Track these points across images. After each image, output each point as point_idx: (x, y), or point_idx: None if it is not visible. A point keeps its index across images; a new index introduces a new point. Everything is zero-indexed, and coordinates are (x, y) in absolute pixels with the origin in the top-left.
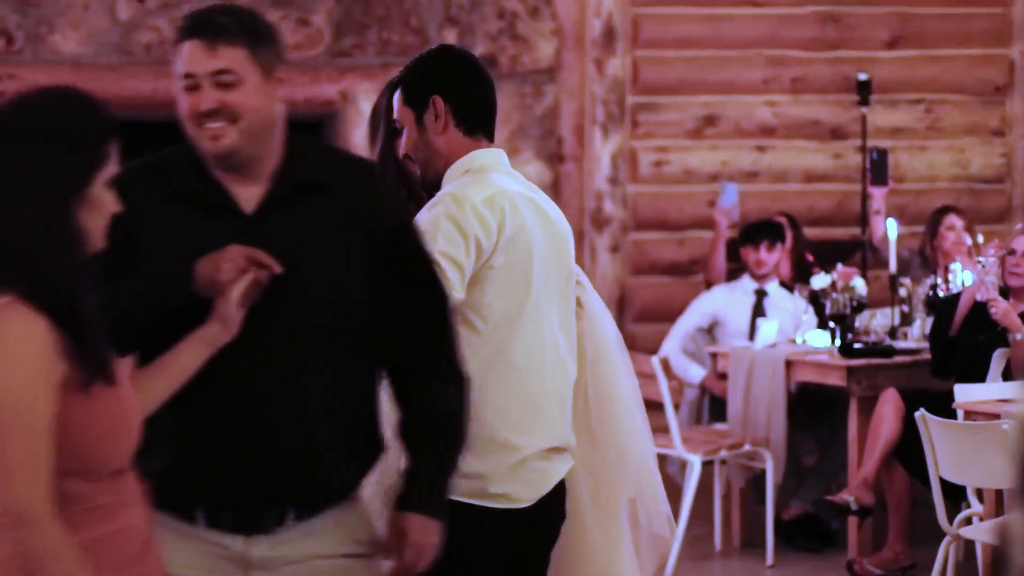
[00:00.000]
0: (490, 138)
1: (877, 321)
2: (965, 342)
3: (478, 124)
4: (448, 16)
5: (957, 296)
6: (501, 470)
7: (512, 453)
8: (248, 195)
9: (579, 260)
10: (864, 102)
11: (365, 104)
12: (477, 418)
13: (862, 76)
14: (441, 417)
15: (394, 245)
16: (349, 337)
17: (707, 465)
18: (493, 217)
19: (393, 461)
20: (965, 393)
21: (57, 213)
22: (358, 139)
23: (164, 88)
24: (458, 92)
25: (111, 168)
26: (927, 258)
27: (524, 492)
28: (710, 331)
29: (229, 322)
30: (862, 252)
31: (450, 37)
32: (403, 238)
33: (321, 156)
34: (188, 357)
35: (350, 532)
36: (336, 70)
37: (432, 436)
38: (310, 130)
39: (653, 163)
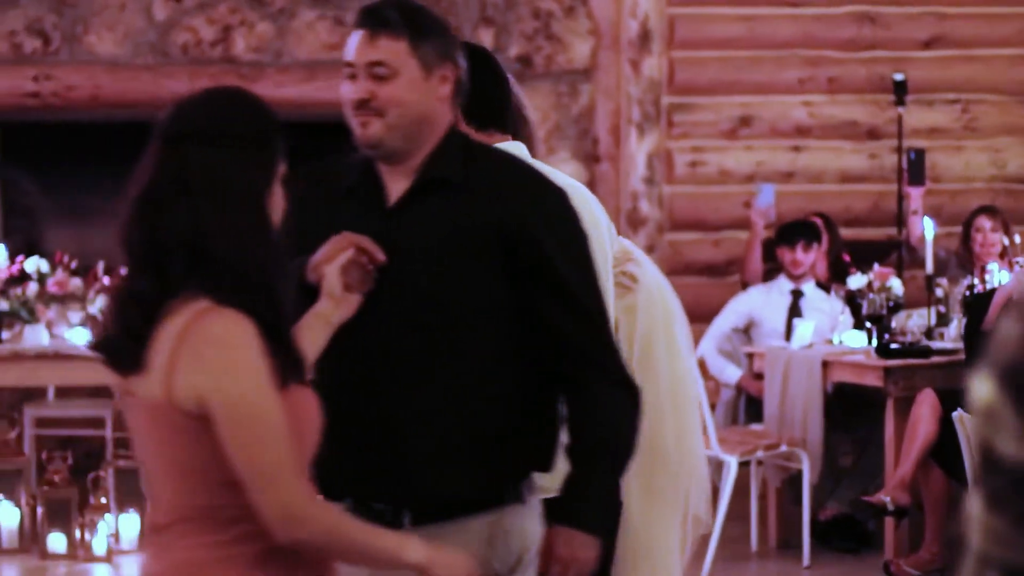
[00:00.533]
0: (505, 131)
1: (913, 321)
2: None
3: (488, 119)
4: (483, 16)
5: (990, 293)
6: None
7: None
8: (398, 189)
9: None
10: (900, 102)
11: None
12: None
13: (898, 76)
14: (606, 426)
15: (526, 245)
16: (482, 339)
17: (743, 466)
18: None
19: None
20: None
21: (255, 214)
22: None
23: (200, 89)
24: (466, 89)
25: (283, 166)
26: (964, 258)
27: None
28: (746, 331)
29: (338, 299)
30: (898, 252)
31: (485, 37)
32: (537, 238)
33: (465, 152)
34: (310, 335)
35: (470, 546)
36: None
37: (596, 447)
38: (346, 130)
39: (689, 163)
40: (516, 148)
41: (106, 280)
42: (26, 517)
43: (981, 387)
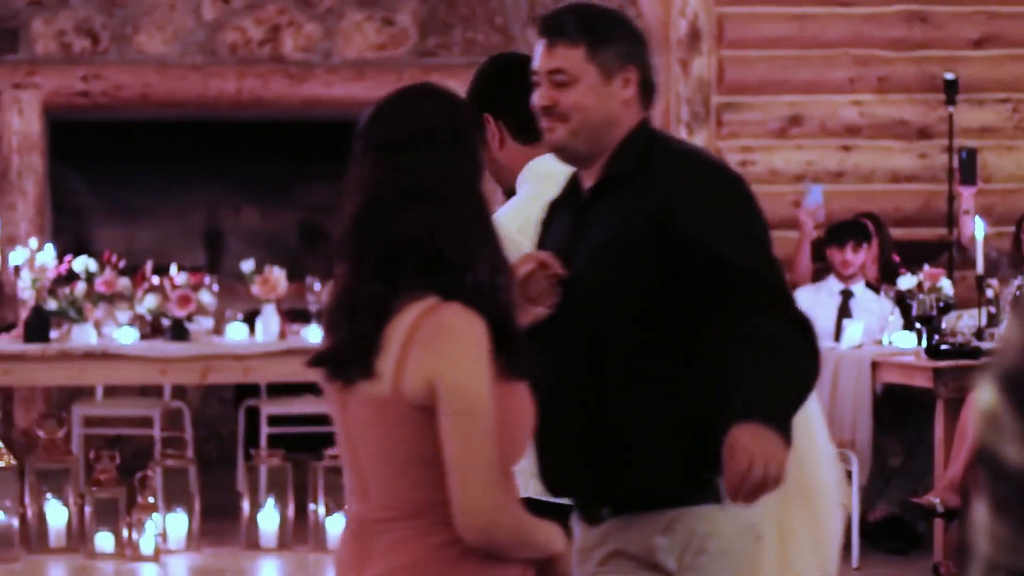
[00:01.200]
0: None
1: (964, 322)
2: None
3: (533, 132)
4: (533, 15)
5: None
6: None
7: None
8: (587, 191)
9: None
10: (951, 101)
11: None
12: None
13: (949, 75)
14: (773, 341)
15: (675, 228)
16: (655, 334)
17: None
18: (528, 238)
19: None
20: None
21: (478, 210)
22: None
23: (248, 88)
24: (506, 106)
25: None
26: (1015, 258)
27: None
28: None
29: (520, 311)
30: (948, 253)
31: (534, 37)
32: (686, 219)
33: (643, 148)
34: None
35: (649, 537)
36: (420, 69)
37: (761, 352)
38: None
39: (738, 163)
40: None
41: (155, 279)
42: (74, 516)
43: (984, 393)
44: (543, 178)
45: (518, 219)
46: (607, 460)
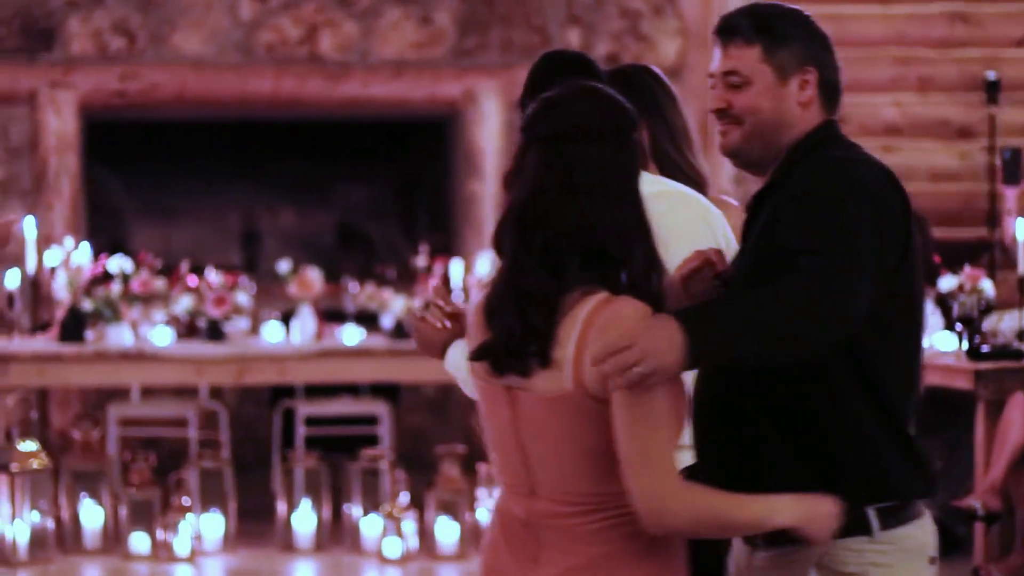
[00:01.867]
0: None
1: (1005, 323)
2: None
3: None
4: (571, 15)
5: None
6: None
7: None
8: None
9: None
10: (992, 101)
11: (487, 103)
12: None
13: (991, 75)
14: (766, 290)
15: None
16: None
17: None
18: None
19: None
20: None
21: (636, 206)
22: (479, 138)
23: (286, 88)
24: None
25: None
26: None
27: None
28: None
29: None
30: (989, 253)
31: (573, 37)
32: (779, 215)
33: (803, 153)
34: None
35: (798, 570)
36: (459, 69)
37: (746, 294)
38: (433, 129)
39: None
40: None
41: (190, 280)
42: (109, 517)
43: None
44: None
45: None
46: (749, 486)
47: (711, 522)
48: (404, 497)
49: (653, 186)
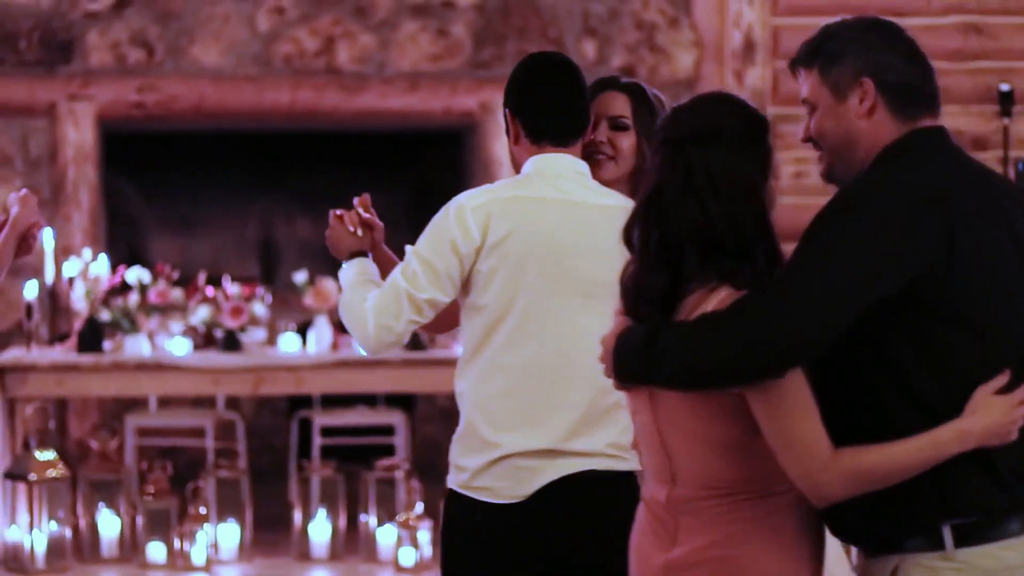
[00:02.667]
0: (557, 142)
1: None
2: None
3: (541, 132)
4: (586, 27)
5: None
6: (481, 465)
7: (491, 450)
8: None
9: None
10: (1006, 113)
11: (503, 115)
12: (465, 414)
13: (1004, 87)
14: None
15: None
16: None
17: None
18: (477, 223)
19: None
20: None
21: (755, 205)
22: (495, 148)
23: (302, 99)
24: (520, 105)
25: (774, 160)
26: None
27: (507, 489)
28: None
29: None
30: None
31: (588, 48)
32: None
33: (865, 169)
34: None
35: None
36: (475, 81)
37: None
38: (449, 140)
39: (793, 174)
40: (547, 161)
41: (208, 291)
42: (126, 526)
43: None
44: (535, 174)
45: (481, 199)
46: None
47: (874, 477)
48: (419, 507)
49: (602, 198)
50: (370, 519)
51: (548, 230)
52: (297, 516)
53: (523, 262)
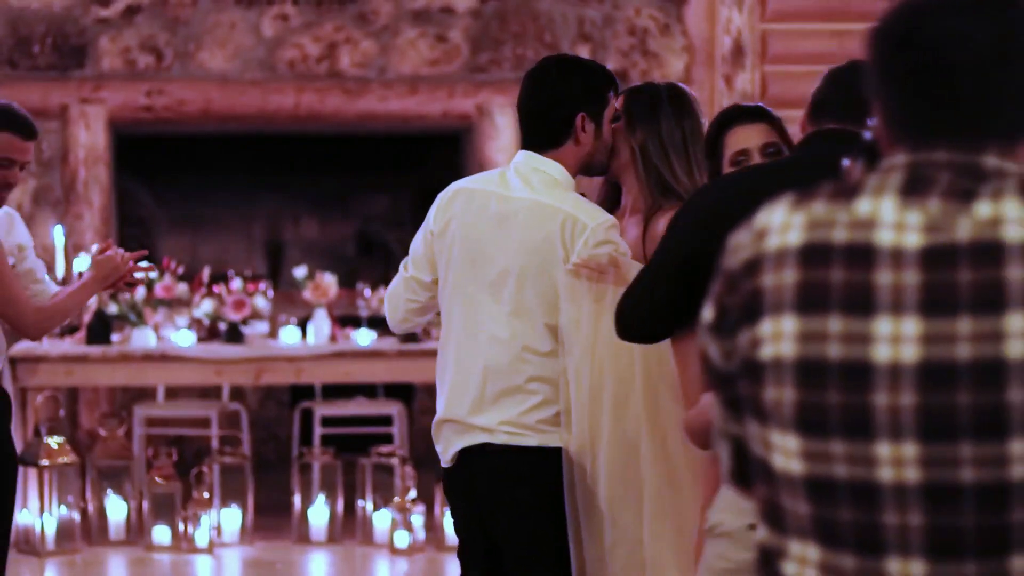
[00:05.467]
0: (524, 143)
1: None
2: None
3: (522, 133)
4: (581, 32)
5: None
6: (434, 426)
7: (437, 414)
8: None
9: None
10: None
11: (500, 117)
12: None
13: None
14: None
15: None
16: None
17: None
18: (435, 212)
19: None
20: None
21: None
22: (492, 151)
23: (307, 103)
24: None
25: None
26: None
27: (442, 452)
28: None
29: None
30: None
31: (583, 53)
32: None
33: None
34: None
35: None
36: (472, 85)
37: None
38: (448, 141)
39: None
40: (517, 157)
41: (215, 288)
42: (133, 510)
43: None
44: (507, 167)
45: (447, 189)
46: None
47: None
48: (412, 492)
49: (541, 196)
50: (367, 504)
51: (474, 220)
52: (297, 501)
53: (452, 249)
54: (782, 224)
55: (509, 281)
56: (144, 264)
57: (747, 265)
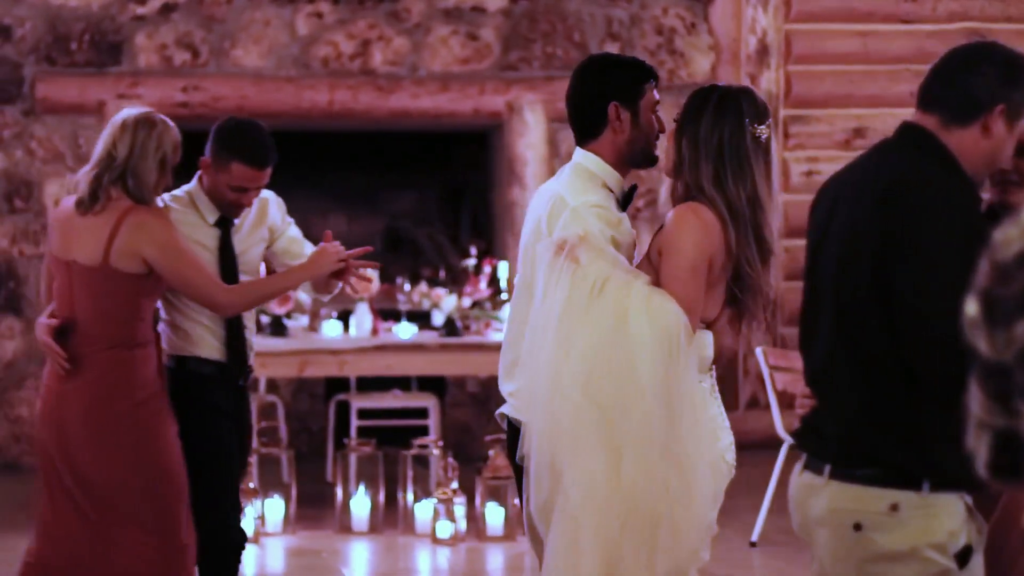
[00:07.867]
0: (574, 137)
1: None
2: None
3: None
4: (610, 32)
5: None
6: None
7: None
8: None
9: None
10: None
11: (530, 115)
12: None
13: None
14: None
15: None
16: None
17: None
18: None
19: None
20: None
21: None
22: (521, 148)
23: (340, 100)
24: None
25: None
26: None
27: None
28: None
29: None
30: None
31: (611, 51)
32: None
33: None
34: None
35: None
36: (503, 82)
37: None
38: (477, 139)
39: (804, 173)
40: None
41: None
42: None
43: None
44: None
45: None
46: None
47: None
48: (454, 483)
49: (561, 187)
50: (407, 495)
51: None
52: (339, 491)
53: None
54: None
55: (526, 261)
56: (366, 262)
57: (1020, 256)
